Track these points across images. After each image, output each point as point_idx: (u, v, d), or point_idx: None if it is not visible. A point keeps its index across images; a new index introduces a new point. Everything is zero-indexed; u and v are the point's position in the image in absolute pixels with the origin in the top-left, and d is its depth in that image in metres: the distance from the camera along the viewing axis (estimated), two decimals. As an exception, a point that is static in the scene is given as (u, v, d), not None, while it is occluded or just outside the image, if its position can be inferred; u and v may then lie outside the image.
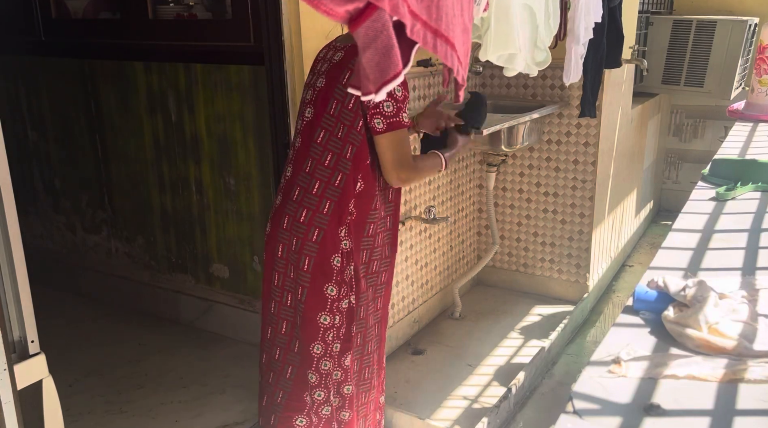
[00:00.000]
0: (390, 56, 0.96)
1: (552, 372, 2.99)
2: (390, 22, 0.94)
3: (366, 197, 1.88)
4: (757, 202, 2.14)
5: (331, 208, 1.85)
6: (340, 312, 1.90)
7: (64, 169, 3.46)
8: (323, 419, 2.00)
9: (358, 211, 1.87)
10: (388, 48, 0.95)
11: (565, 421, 1.08)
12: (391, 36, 0.95)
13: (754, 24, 4.13)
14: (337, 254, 1.86)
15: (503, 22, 2.17)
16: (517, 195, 3.51)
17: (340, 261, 1.86)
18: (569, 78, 2.70)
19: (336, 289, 1.88)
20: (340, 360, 1.95)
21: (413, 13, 0.99)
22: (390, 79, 0.98)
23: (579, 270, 3.45)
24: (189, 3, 2.95)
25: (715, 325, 1.29)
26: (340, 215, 1.84)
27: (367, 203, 1.88)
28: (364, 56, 0.95)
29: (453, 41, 1.14)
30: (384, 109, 1.76)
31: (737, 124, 3.28)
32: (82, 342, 3.10)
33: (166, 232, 3.18)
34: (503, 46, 2.22)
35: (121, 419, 2.55)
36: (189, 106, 2.89)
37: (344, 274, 1.88)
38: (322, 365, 1.94)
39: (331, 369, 1.95)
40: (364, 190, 1.87)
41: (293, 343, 1.99)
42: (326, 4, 0.87)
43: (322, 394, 1.98)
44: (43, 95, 3.40)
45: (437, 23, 1.06)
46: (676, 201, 4.86)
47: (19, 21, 3.35)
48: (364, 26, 0.92)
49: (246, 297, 3.02)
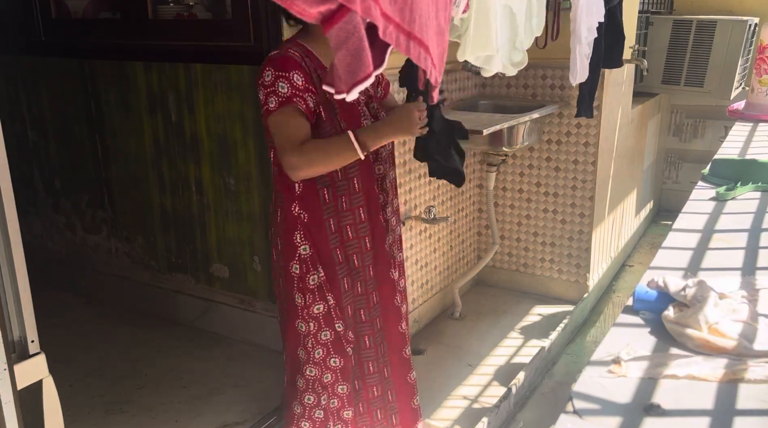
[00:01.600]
0: (361, 58, 0.97)
1: (552, 372, 2.99)
2: (361, 25, 0.95)
3: (310, 197, 1.79)
4: (757, 202, 2.14)
5: (281, 214, 1.83)
6: (314, 319, 1.86)
7: (64, 169, 3.46)
8: (317, 422, 1.99)
9: (308, 212, 1.80)
10: (359, 50, 0.96)
11: (565, 421, 1.08)
12: (362, 38, 0.96)
13: (754, 24, 4.13)
14: (294, 261, 1.82)
15: (482, 23, 2.16)
16: (517, 195, 3.51)
17: (298, 268, 1.82)
18: (575, 78, 2.69)
19: (301, 297, 1.84)
20: (326, 363, 1.92)
21: (386, 16, 1.00)
22: (361, 80, 1.00)
23: (579, 270, 3.45)
24: (189, 3, 2.94)
25: (715, 325, 1.29)
26: (289, 220, 1.81)
27: (314, 202, 1.79)
28: (336, 57, 0.97)
29: (427, 44, 1.15)
30: (278, 89, 1.66)
31: (737, 124, 3.28)
32: (82, 342, 3.10)
33: (166, 232, 3.18)
34: (482, 47, 2.21)
35: (121, 419, 2.55)
36: (189, 106, 2.89)
37: (306, 281, 1.83)
38: (308, 371, 1.93)
39: (318, 375, 1.93)
40: (305, 190, 1.79)
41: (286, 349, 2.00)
42: (299, 5, 0.88)
43: (311, 398, 1.96)
44: (43, 95, 3.40)
45: (410, 25, 1.07)
46: (676, 201, 4.86)
47: (19, 21, 3.35)
48: (336, 27, 0.93)
49: (246, 297, 3.02)
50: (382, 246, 1.97)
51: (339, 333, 1.90)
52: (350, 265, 1.89)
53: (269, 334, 2.90)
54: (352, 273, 1.90)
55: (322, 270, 1.83)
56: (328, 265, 1.84)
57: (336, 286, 1.86)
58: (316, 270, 1.82)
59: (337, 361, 1.93)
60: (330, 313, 1.87)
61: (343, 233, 1.84)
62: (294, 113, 1.68)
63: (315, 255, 1.81)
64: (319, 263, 1.82)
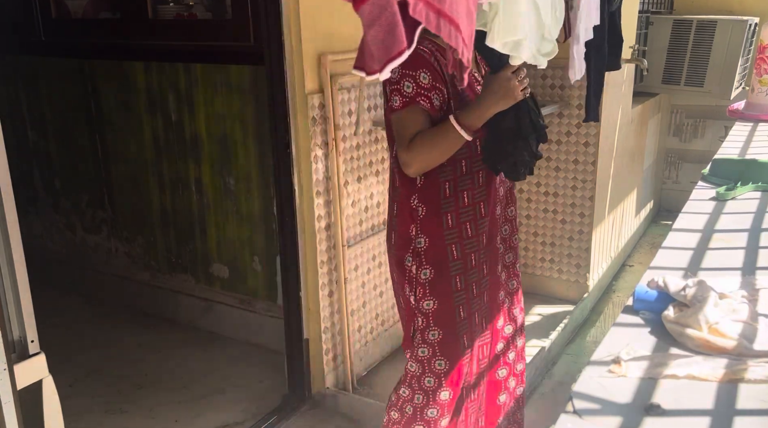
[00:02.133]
0: (395, 33, 0.95)
1: (552, 372, 2.99)
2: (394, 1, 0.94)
3: (431, 189, 1.75)
4: (757, 201, 2.14)
5: (396, 209, 1.81)
6: (423, 314, 1.81)
7: (64, 169, 3.46)
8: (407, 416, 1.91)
9: (426, 205, 1.76)
10: (392, 25, 0.94)
11: (565, 421, 1.08)
12: (395, 13, 0.94)
13: (754, 24, 4.13)
14: (408, 253, 1.79)
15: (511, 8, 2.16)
16: (518, 195, 3.51)
17: (411, 260, 1.79)
18: (575, 75, 2.69)
19: (409, 288, 1.80)
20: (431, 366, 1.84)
21: None
22: (395, 56, 0.97)
23: (579, 270, 3.45)
24: (189, 3, 2.95)
25: (715, 325, 1.29)
26: (406, 215, 1.78)
27: (434, 195, 1.75)
28: (368, 34, 0.94)
29: (458, 21, 1.12)
30: (403, 89, 1.64)
31: (737, 124, 3.28)
32: (82, 342, 3.10)
33: (166, 232, 3.18)
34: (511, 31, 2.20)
35: (121, 419, 2.55)
36: (189, 106, 2.89)
37: (418, 275, 1.78)
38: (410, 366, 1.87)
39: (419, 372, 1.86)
40: (426, 183, 1.74)
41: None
42: None
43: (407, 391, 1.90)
44: (43, 95, 3.40)
45: (440, 3, 1.05)
46: (676, 201, 4.85)
47: (19, 21, 3.35)
48: (368, 3, 0.91)
49: (246, 297, 3.02)
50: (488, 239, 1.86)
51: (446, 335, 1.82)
52: (467, 263, 1.81)
53: (269, 334, 2.90)
54: (468, 273, 1.82)
55: (428, 269, 1.78)
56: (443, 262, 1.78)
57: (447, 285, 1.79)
58: (423, 265, 1.77)
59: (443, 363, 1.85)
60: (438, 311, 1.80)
61: (462, 230, 1.78)
62: (416, 113, 1.66)
63: (428, 249, 1.76)
64: (429, 259, 1.77)
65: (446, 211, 1.75)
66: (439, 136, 1.64)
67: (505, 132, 1.69)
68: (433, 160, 1.67)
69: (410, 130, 1.66)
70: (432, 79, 1.65)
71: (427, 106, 1.65)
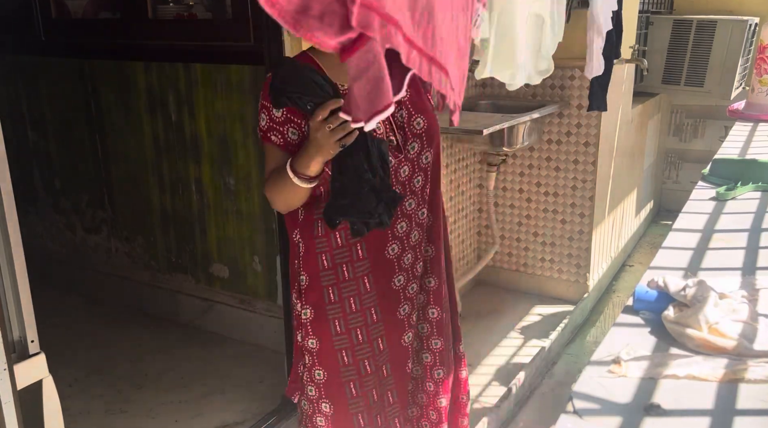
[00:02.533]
0: (380, 88, 0.95)
1: (552, 372, 2.99)
2: (381, 54, 0.93)
3: (307, 225, 1.58)
4: (757, 202, 2.14)
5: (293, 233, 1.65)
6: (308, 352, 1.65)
7: (64, 169, 3.46)
8: None
9: (305, 242, 1.58)
10: (378, 80, 0.94)
11: (565, 421, 1.08)
12: (381, 67, 0.94)
13: (754, 24, 4.13)
14: (294, 289, 1.64)
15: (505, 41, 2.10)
16: (517, 195, 3.51)
17: (296, 297, 1.64)
18: (592, 72, 2.65)
19: (296, 324, 1.66)
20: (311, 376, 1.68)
21: (409, 41, 0.97)
22: (380, 110, 0.96)
23: (579, 270, 3.45)
24: (189, 3, 2.95)
25: (715, 325, 1.29)
26: (293, 248, 1.61)
27: (310, 232, 1.57)
28: (355, 86, 0.94)
29: (446, 68, 1.13)
30: (260, 121, 1.49)
31: (737, 124, 3.28)
32: (82, 342, 3.10)
33: (166, 232, 3.18)
34: (504, 65, 2.15)
35: (121, 419, 2.55)
36: (189, 106, 2.89)
37: (301, 313, 1.63)
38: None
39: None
40: (305, 217, 1.58)
41: None
42: (318, 36, 0.86)
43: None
44: (43, 95, 3.40)
45: (432, 50, 1.05)
46: (676, 201, 4.85)
47: (19, 21, 3.35)
48: (355, 57, 0.90)
49: (246, 297, 3.02)
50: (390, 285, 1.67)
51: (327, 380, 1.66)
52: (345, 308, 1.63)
53: (269, 334, 2.90)
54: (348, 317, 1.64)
55: (306, 306, 1.62)
56: (320, 303, 1.61)
57: (326, 327, 1.63)
58: (301, 303, 1.62)
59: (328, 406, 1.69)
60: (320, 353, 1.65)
61: (338, 272, 1.59)
62: (270, 149, 1.53)
63: (309, 287, 1.60)
64: (309, 294, 1.61)
65: (320, 251, 1.57)
66: (280, 181, 1.46)
67: (346, 183, 1.39)
68: (284, 203, 1.53)
69: (268, 165, 1.52)
70: (287, 111, 1.47)
71: (280, 142, 1.48)
